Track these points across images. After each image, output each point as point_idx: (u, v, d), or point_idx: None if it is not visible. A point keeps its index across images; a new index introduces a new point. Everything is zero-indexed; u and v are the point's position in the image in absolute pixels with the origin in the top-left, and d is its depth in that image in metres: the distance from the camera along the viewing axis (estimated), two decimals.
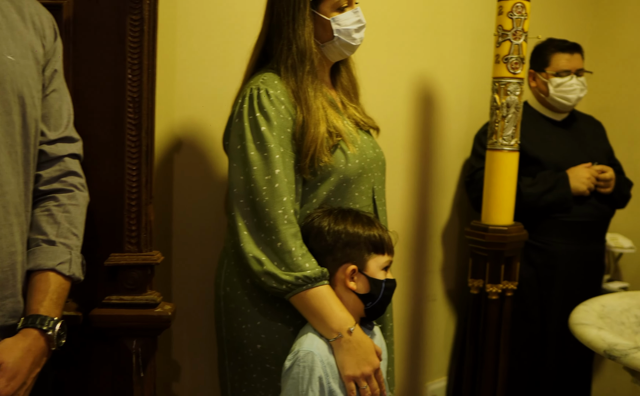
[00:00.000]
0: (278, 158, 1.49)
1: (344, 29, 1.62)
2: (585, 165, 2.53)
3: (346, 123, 1.66)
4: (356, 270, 1.49)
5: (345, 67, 1.77)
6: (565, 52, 2.54)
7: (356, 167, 1.61)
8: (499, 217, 2.22)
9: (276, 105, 1.52)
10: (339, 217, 1.53)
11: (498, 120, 2.19)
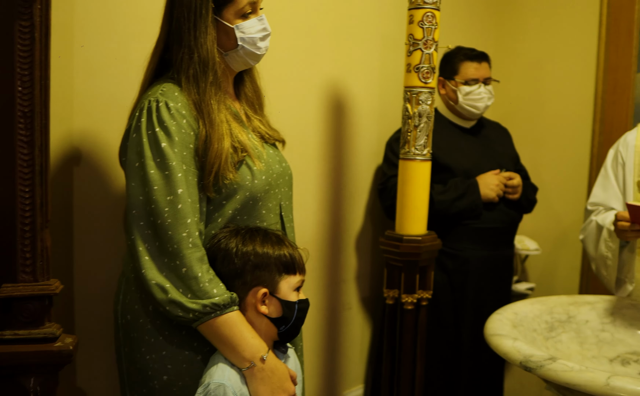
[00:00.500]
0: (180, 177, 1.39)
1: (249, 37, 1.54)
2: (493, 172, 2.57)
3: (251, 138, 1.59)
4: (267, 293, 1.42)
5: (249, 77, 1.69)
6: (474, 60, 2.58)
7: (263, 184, 1.54)
8: (412, 226, 2.21)
9: (177, 119, 1.42)
10: (246, 237, 1.45)
11: (410, 129, 2.17)
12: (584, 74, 3.11)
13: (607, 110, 3.00)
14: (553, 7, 3.20)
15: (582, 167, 3.15)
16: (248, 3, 1.53)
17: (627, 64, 2.93)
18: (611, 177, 2.36)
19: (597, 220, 2.32)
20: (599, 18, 3.01)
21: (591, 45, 3.06)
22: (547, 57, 3.23)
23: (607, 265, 2.25)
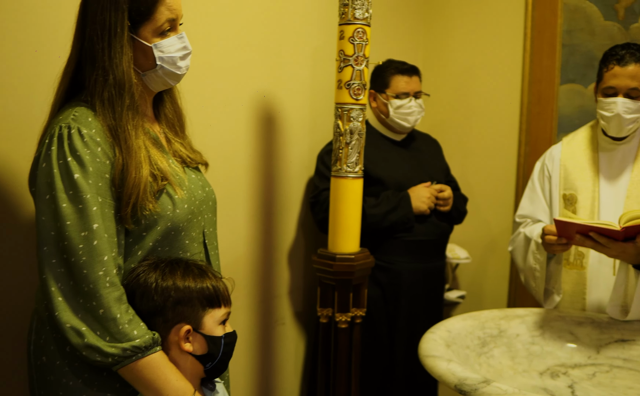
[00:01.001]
0: (96, 211, 1.30)
1: (168, 57, 1.45)
2: (425, 185, 2.58)
3: (172, 163, 1.50)
4: (191, 330, 1.35)
5: (169, 98, 1.60)
6: (405, 74, 2.57)
7: (185, 213, 1.46)
8: (345, 244, 2.18)
9: (91, 147, 1.32)
10: (166, 271, 1.37)
11: (342, 146, 2.14)
12: (510, 86, 3.17)
13: (532, 121, 3.07)
14: (480, 20, 3.25)
15: (509, 176, 3.21)
16: (167, 20, 1.44)
17: (550, 76, 3.00)
18: (538, 190, 2.41)
19: (525, 232, 2.36)
20: (524, 31, 3.07)
21: (517, 57, 3.13)
22: (475, 69, 3.28)
23: (535, 277, 2.28)
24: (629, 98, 2.11)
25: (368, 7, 2.10)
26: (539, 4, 3.00)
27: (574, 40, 2.94)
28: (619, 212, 2.19)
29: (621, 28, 2.81)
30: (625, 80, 2.09)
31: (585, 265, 2.22)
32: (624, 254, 1.96)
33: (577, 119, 2.95)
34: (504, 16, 3.17)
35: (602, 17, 2.85)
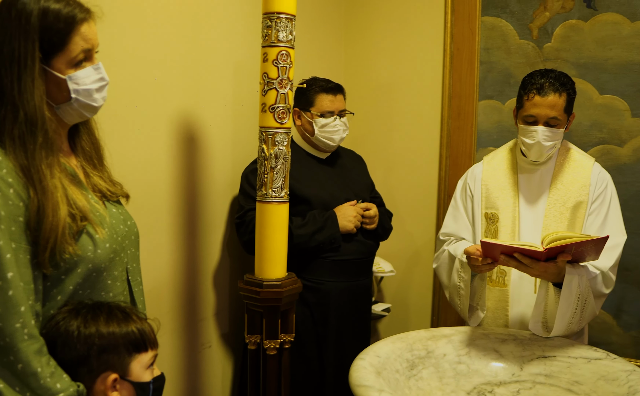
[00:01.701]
0: (10, 258, 1.20)
1: (84, 89, 1.37)
2: (350, 203, 2.57)
3: (91, 200, 1.42)
4: (118, 378, 1.28)
5: (86, 129, 1.51)
6: (329, 93, 2.56)
7: (107, 252, 1.39)
8: (272, 270, 2.13)
9: (2, 189, 1.23)
10: (88, 317, 1.29)
11: (267, 171, 2.09)
12: (431, 101, 3.22)
13: (452, 135, 3.13)
14: (401, 36, 3.28)
15: (431, 189, 3.26)
16: (82, 50, 1.35)
17: (470, 92, 3.07)
18: (461, 209, 2.45)
19: (449, 250, 2.40)
20: (444, 48, 3.13)
21: (437, 73, 3.18)
22: (397, 84, 3.32)
23: (460, 294, 2.33)
24: (548, 126, 2.18)
25: (292, 29, 2.06)
26: (458, 22, 3.07)
27: (491, 57, 3.02)
28: (538, 231, 2.27)
29: (535, 47, 2.91)
30: (545, 110, 2.16)
31: (507, 283, 2.29)
32: (545, 274, 2.03)
33: (495, 134, 3.03)
34: (424, 33, 3.22)
35: (518, 36, 2.94)
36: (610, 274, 2.17)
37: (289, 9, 2.04)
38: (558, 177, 2.29)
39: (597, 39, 2.78)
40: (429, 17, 3.19)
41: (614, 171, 2.68)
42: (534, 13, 2.90)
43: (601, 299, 2.20)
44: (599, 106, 2.78)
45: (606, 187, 2.25)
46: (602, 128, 2.79)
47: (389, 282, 3.40)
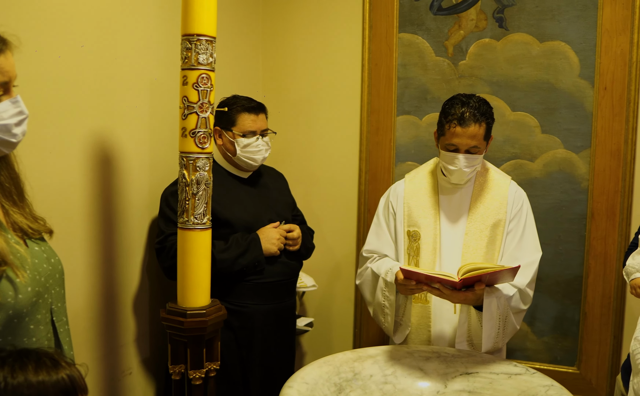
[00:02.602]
0: None
1: (2, 124, 1.29)
2: (273, 225, 2.54)
3: (11, 240, 1.33)
4: None
5: (4, 164, 1.41)
6: (251, 112, 2.51)
7: (29, 297, 1.31)
8: (196, 298, 2.07)
9: None
10: (16, 366, 1.20)
11: (189, 197, 2.03)
12: (350, 115, 3.24)
13: (372, 149, 3.16)
14: (320, 49, 3.28)
15: (351, 203, 3.28)
16: None
17: (388, 107, 3.11)
18: (383, 226, 2.48)
19: (372, 267, 2.41)
20: (362, 63, 3.15)
21: (355, 88, 3.20)
22: (316, 98, 3.31)
23: (385, 313, 2.35)
24: (469, 153, 2.23)
25: (212, 52, 2.01)
26: (376, 38, 3.10)
27: (408, 73, 3.07)
28: (459, 249, 2.32)
29: (450, 64, 2.99)
30: (466, 140, 2.21)
31: (429, 300, 2.33)
32: (465, 301, 2.11)
33: (413, 149, 3.09)
34: (343, 48, 3.23)
35: (434, 53, 3.01)
36: (528, 290, 2.25)
37: (209, 30, 1.98)
38: (477, 197, 2.36)
39: (508, 57, 2.88)
40: (347, 33, 3.21)
41: (526, 185, 2.79)
42: (449, 31, 2.98)
43: (520, 314, 2.28)
44: (511, 122, 2.88)
45: (522, 205, 2.34)
46: (514, 143, 2.90)
47: (311, 296, 3.40)
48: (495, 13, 2.89)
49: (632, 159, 2.71)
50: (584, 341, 2.83)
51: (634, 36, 2.66)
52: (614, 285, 2.77)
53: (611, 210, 2.75)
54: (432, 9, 3.00)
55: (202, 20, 1.96)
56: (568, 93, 2.80)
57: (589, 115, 2.77)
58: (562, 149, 2.83)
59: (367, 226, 3.19)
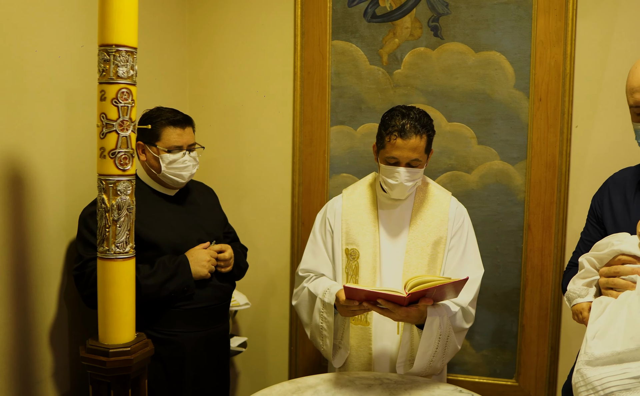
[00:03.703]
0: None
1: None
2: (203, 246, 2.38)
3: None
4: None
5: None
6: (177, 126, 2.34)
7: None
8: (119, 335, 1.88)
9: None
10: None
11: (109, 224, 1.84)
12: (282, 125, 3.10)
13: (305, 161, 3.04)
14: (250, 55, 3.13)
15: (284, 217, 3.15)
16: None
17: (322, 117, 2.99)
18: (320, 244, 2.36)
19: (309, 287, 2.30)
20: (294, 71, 3.02)
21: (287, 97, 3.07)
22: (246, 107, 3.16)
23: (323, 335, 2.24)
24: (409, 167, 2.15)
25: (133, 64, 1.82)
26: (308, 46, 2.98)
27: (342, 82, 2.96)
28: (400, 268, 2.24)
29: (385, 73, 2.90)
30: (407, 153, 2.13)
31: (369, 321, 2.23)
32: (408, 318, 2.01)
33: (348, 160, 2.99)
34: (274, 56, 3.09)
35: (368, 62, 2.92)
36: (470, 309, 2.20)
37: (130, 41, 1.80)
38: (418, 213, 2.28)
39: (444, 67, 2.83)
40: (278, 40, 3.07)
41: (462, 197, 2.75)
42: (383, 39, 2.89)
43: (462, 334, 2.22)
44: (448, 133, 2.83)
45: (463, 222, 2.28)
46: (450, 154, 2.85)
47: (244, 315, 3.25)
48: (430, 21, 2.82)
49: (566, 170, 2.71)
50: (522, 353, 2.82)
51: (567, 48, 2.66)
52: (550, 296, 2.76)
53: (547, 222, 2.74)
54: (366, 16, 2.90)
55: (121, 29, 1.77)
56: (504, 104, 2.77)
57: (524, 127, 2.75)
58: (498, 161, 2.80)
59: (302, 239, 3.07)
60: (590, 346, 1.57)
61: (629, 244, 1.66)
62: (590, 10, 2.66)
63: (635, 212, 1.79)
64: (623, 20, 2.64)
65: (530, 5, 2.69)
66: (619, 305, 1.60)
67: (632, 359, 1.52)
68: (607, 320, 1.59)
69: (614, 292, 1.66)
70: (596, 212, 1.95)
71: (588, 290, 1.72)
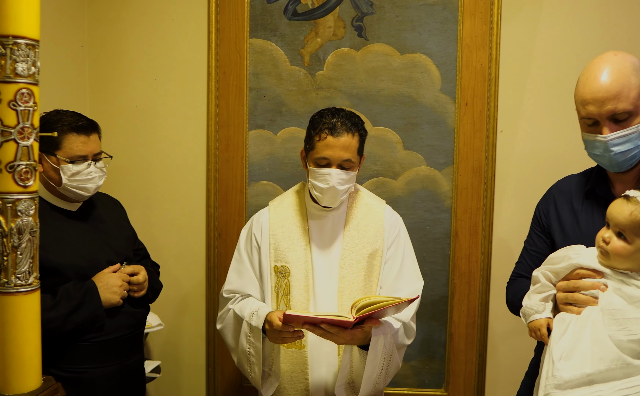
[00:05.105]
0: None
1: None
2: (113, 269, 2.11)
3: None
4: None
5: None
6: (81, 133, 2.05)
7: None
8: (23, 382, 1.58)
9: None
10: None
11: (7, 252, 1.53)
12: (195, 129, 2.86)
13: (221, 168, 2.82)
14: (160, 54, 2.85)
15: (199, 228, 2.91)
16: None
17: (239, 121, 2.78)
18: (246, 262, 2.17)
19: (234, 309, 2.10)
20: (208, 70, 2.79)
21: (201, 98, 2.83)
22: (155, 109, 2.88)
23: (251, 361, 2.05)
24: (342, 169, 2.01)
25: (35, 59, 1.53)
26: (224, 43, 2.75)
27: (261, 83, 2.77)
28: (334, 284, 2.09)
29: (307, 74, 2.74)
30: (339, 151, 1.99)
31: (304, 344, 2.06)
32: (352, 340, 1.88)
33: (267, 167, 2.80)
34: (185, 53, 2.83)
35: (289, 62, 2.74)
36: (412, 324, 2.09)
37: (31, 32, 1.51)
38: (351, 223, 2.14)
39: (368, 69, 2.71)
40: (190, 36, 2.82)
41: (389, 204, 2.64)
42: (305, 38, 2.73)
43: (403, 350, 2.11)
44: (373, 138, 2.71)
45: (399, 232, 2.17)
46: (376, 160, 2.74)
47: (156, 337, 2.96)
48: (354, 21, 2.69)
49: (492, 176, 2.68)
50: (451, 362, 2.76)
51: (492, 52, 2.62)
52: (477, 304, 2.72)
53: (474, 228, 2.70)
54: (287, 13, 2.72)
55: (20, 17, 1.48)
56: (430, 108, 2.69)
57: (451, 131, 2.69)
58: (424, 166, 2.72)
59: (218, 253, 2.85)
60: (558, 369, 1.50)
61: (587, 257, 1.60)
62: (514, 15, 2.65)
63: (584, 222, 1.75)
64: (545, 25, 2.65)
65: (456, 8, 2.63)
66: (583, 323, 1.54)
67: (602, 380, 1.47)
68: (572, 339, 1.53)
69: (574, 307, 1.59)
70: (541, 221, 1.89)
71: (545, 306, 1.65)
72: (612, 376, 1.46)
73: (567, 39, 2.64)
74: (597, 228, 1.64)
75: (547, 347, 1.58)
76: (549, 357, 1.54)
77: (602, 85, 1.61)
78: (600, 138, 1.64)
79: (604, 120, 1.62)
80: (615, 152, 1.63)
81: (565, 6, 2.64)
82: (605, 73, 1.62)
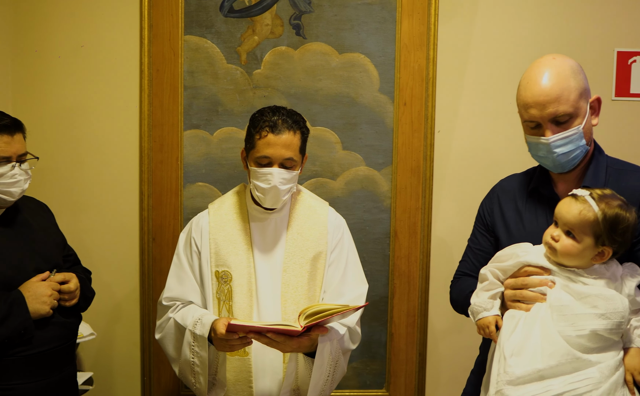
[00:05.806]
0: None
1: None
2: (42, 277, 1.99)
3: None
4: None
5: None
6: (3, 133, 1.93)
7: None
8: None
9: None
10: None
11: None
12: (127, 129, 2.74)
13: (155, 169, 2.72)
14: (88, 50, 2.71)
15: (132, 232, 2.79)
16: None
17: (174, 120, 2.69)
18: (186, 267, 2.10)
19: (175, 318, 2.03)
20: (140, 68, 2.68)
21: (134, 96, 2.72)
22: (83, 109, 2.74)
23: (195, 371, 1.99)
24: (284, 168, 1.97)
25: None
26: (157, 40, 2.65)
27: (196, 82, 2.68)
28: (277, 288, 2.05)
29: (244, 73, 2.67)
30: (280, 150, 1.96)
31: (248, 352, 2.01)
32: (299, 348, 1.86)
33: (203, 168, 2.72)
34: (116, 49, 2.71)
35: (225, 60, 2.67)
36: (357, 328, 2.08)
37: None
38: (293, 225, 2.10)
39: (307, 68, 2.67)
40: (121, 31, 2.69)
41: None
42: (242, 36, 2.66)
43: (347, 355, 2.09)
44: (312, 138, 2.65)
45: (343, 234, 2.15)
46: (315, 161, 2.71)
47: (87, 347, 2.83)
48: (292, 19, 2.65)
49: (430, 176, 2.70)
50: (391, 362, 2.77)
51: (429, 52, 2.64)
52: (417, 303, 2.74)
53: (413, 228, 2.71)
54: (223, 10, 2.65)
55: None
56: (369, 108, 2.68)
57: (389, 131, 2.69)
58: (363, 166, 2.71)
59: (153, 257, 2.75)
60: (510, 365, 1.52)
61: (535, 255, 1.63)
62: (451, 16, 2.67)
63: (528, 221, 1.78)
64: (481, 25, 2.69)
65: (394, 8, 2.64)
66: (532, 319, 1.57)
67: (553, 375, 1.50)
68: (522, 336, 1.55)
69: (523, 304, 1.62)
70: (485, 220, 1.91)
71: (493, 303, 1.67)
72: (562, 371, 1.50)
73: (503, 40, 2.69)
74: (541, 227, 1.67)
75: (497, 344, 1.61)
76: (499, 354, 1.56)
77: (543, 88, 1.65)
78: (543, 141, 1.67)
79: (546, 122, 1.66)
80: (558, 154, 1.67)
81: (501, 7, 2.69)
82: (546, 76, 1.66)
